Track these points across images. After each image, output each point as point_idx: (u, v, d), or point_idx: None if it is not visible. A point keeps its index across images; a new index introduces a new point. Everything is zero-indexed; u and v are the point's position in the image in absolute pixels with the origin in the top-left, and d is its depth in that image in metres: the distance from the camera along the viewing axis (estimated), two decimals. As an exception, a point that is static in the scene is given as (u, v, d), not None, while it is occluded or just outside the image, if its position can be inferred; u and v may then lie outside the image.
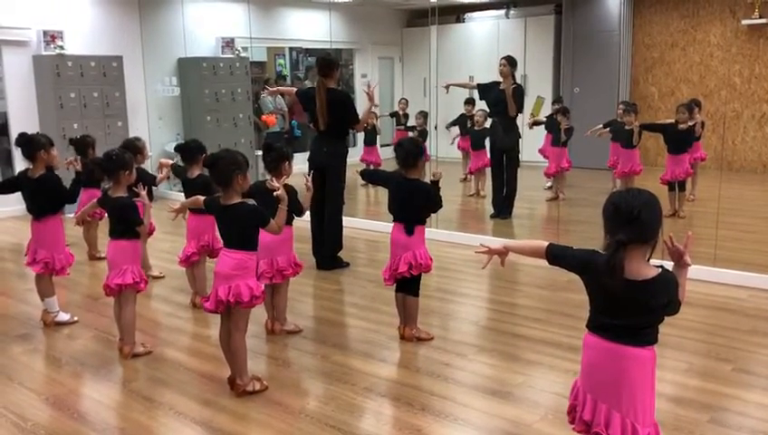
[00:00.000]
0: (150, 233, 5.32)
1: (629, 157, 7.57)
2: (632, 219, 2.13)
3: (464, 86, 8.06)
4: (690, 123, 7.10)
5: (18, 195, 4.52)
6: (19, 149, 4.39)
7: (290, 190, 3.72)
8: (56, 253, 4.41)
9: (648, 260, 2.19)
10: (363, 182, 8.72)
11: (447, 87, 7.67)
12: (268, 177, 3.83)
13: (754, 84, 9.76)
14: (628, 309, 2.19)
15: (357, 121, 5.79)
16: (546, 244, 2.42)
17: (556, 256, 2.39)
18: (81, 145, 5.83)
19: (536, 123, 8.53)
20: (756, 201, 8.13)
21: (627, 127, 7.48)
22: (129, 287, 3.91)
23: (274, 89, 7.15)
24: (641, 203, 2.16)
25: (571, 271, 2.36)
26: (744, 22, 9.59)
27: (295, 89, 6.67)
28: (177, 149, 4.93)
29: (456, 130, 9.47)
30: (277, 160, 4.01)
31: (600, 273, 2.16)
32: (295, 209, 3.92)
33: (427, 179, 4.04)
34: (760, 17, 9.43)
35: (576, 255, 2.34)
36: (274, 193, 3.51)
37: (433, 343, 4.10)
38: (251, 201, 3.47)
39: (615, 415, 2.21)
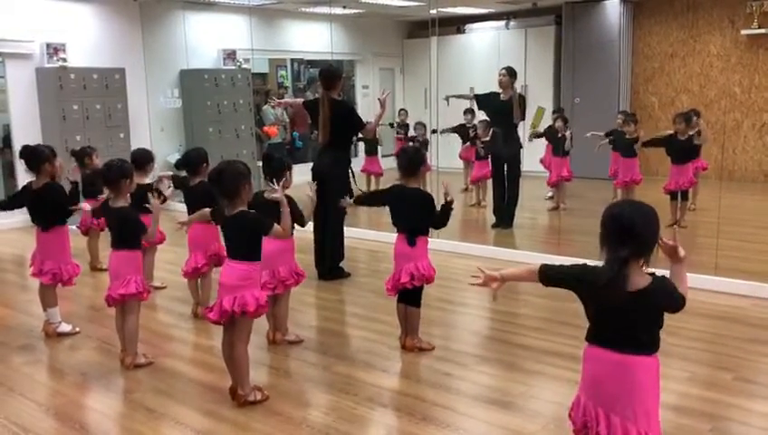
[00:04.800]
0: (161, 241, 5.32)
1: (629, 166, 7.58)
2: (633, 235, 2.12)
3: (463, 97, 8.12)
4: (690, 133, 7.12)
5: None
6: (22, 161, 4.43)
7: (289, 201, 3.73)
8: (63, 263, 4.44)
9: (642, 267, 2.19)
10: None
11: (447, 99, 7.73)
12: (268, 187, 3.83)
13: (754, 94, 9.78)
14: (629, 319, 2.19)
15: (364, 126, 5.77)
16: (538, 266, 2.37)
17: (550, 277, 2.34)
18: (80, 155, 5.95)
19: (536, 136, 8.49)
20: (757, 210, 8.14)
21: (627, 136, 7.50)
22: (133, 297, 3.92)
23: (282, 101, 7.12)
24: (640, 217, 2.16)
25: (567, 289, 2.32)
26: (744, 32, 9.62)
27: (301, 100, 6.68)
28: (179, 165, 4.94)
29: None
30: (278, 170, 4.02)
31: (600, 287, 2.16)
32: (297, 219, 3.92)
33: (436, 196, 4.02)
34: (759, 27, 9.47)
35: (570, 272, 2.30)
36: (272, 196, 3.56)
37: (434, 353, 4.10)
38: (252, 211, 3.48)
39: (631, 428, 2.19)
